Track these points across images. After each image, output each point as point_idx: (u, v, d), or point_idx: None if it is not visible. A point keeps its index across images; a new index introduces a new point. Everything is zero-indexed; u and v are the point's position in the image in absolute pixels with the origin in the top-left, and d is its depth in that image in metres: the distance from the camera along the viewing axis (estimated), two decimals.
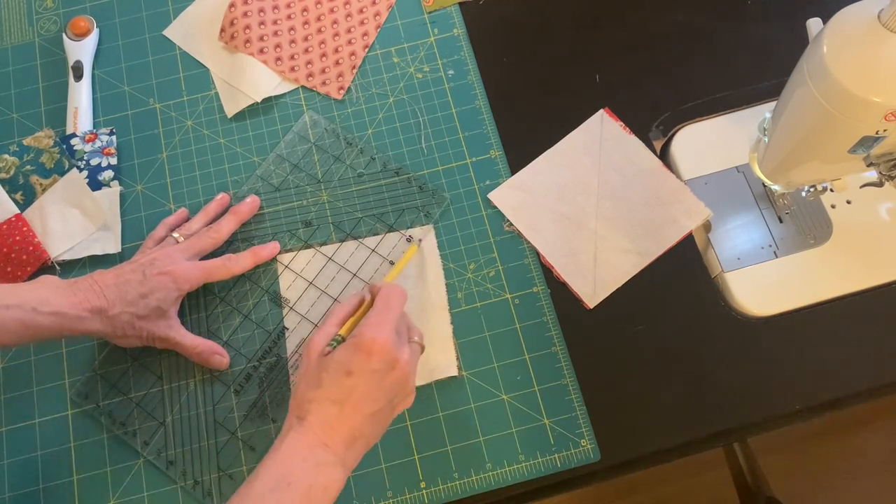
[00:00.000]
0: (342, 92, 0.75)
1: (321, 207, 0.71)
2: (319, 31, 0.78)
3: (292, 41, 0.77)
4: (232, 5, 0.77)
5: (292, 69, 0.76)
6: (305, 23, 0.78)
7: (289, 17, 0.78)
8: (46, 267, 0.69)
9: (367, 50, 0.77)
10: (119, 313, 0.59)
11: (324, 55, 0.77)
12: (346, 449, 0.50)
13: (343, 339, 0.54)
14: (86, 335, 0.60)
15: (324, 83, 0.76)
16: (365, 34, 0.77)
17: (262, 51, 0.76)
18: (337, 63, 0.76)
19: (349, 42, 0.77)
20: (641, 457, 0.64)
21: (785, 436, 1.31)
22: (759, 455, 1.02)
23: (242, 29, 0.76)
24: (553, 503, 0.68)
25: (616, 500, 1.30)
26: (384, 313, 0.53)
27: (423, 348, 0.57)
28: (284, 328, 0.67)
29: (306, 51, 0.77)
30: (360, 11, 0.79)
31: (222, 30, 0.77)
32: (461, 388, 0.65)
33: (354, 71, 0.76)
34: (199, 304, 0.68)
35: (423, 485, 0.62)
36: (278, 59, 0.76)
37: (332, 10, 0.78)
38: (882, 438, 1.33)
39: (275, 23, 0.77)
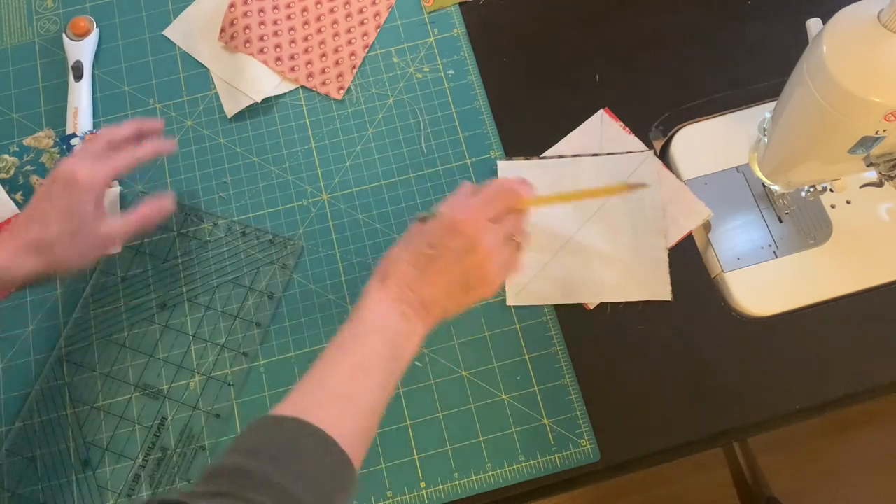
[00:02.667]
0: (342, 92, 0.75)
1: (173, 286, 0.69)
2: (319, 31, 0.78)
3: (292, 41, 0.77)
4: (232, 5, 0.77)
5: (292, 69, 0.76)
6: (305, 23, 0.78)
7: (289, 17, 0.78)
8: None
9: (367, 50, 0.77)
10: (53, 240, 0.56)
11: (324, 55, 0.77)
12: (423, 309, 0.53)
13: (436, 214, 0.56)
14: (32, 281, 0.57)
15: (324, 83, 0.76)
16: (365, 34, 0.77)
17: (261, 51, 0.76)
18: (337, 63, 0.76)
19: (349, 42, 0.77)
20: (641, 457, 0.64)
21: (785, 436, 1.31)
22: (759, 455, 1.02)
23: (242, 29, 0.76)
24: (553, 503, 0.68)
25: (616, 500, 1.30)
26: (485, 204, 0.55)
27: (520, 247, 0.58)
28: (163, 418, 0.65)
29: (306, 51, 0.77)
30: (360, 11, 0.78)
31: (222, 30, 0.77)
32: (461, 388, 0.65)
33: (354, 71, 0.76)
34: (74, 417, 0.65)
35: (423, 485, 0.62)
36: (278, 59, 0.76)
37: (331, 10, 0.78)
38: (882, 438, 1.33)
39: (275, 23, 0.77)
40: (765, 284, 0.68)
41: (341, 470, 0.45)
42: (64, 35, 0.77)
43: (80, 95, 0.75)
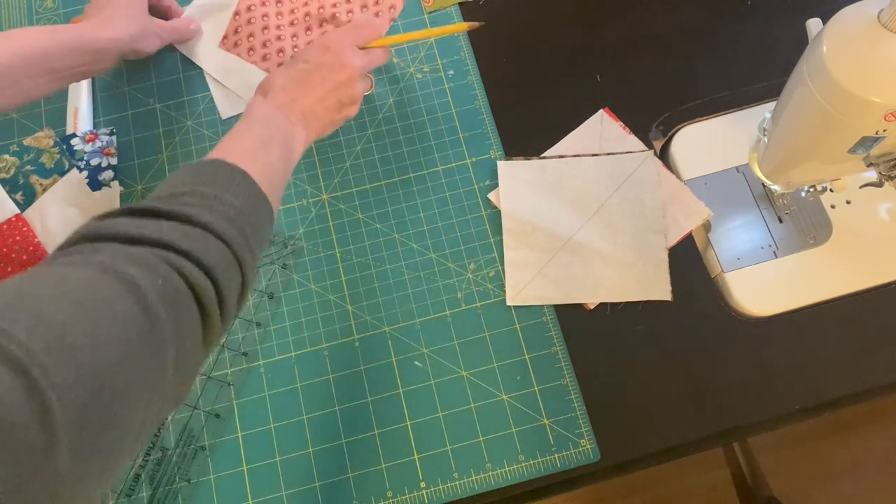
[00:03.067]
0: None
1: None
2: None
3: (295, 47, 0.76)
4: (237, 13, 0.77)
5: None
6: (308, 29, 0.77)
7: (291, 23, 0.77)
8: None
9: None
10: (129, 14, 0.69)
11: None
12: (303, 118, 0.59)
13: None
14: (111, 46, 0.66)
15: None
16: None
17: (264, 58, 0.76)
18: None
19: None
20: (641, 457, 0.64)
21: (785, 436, 1.31)
22: (759, 455, 1.02)
23: (246, 37, 0.77)
24: (553, 503, 0.68)
25: (616, 500, 1.30)
26: (351, 29, 0.64)
27: (371, 84, 0.71)
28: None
29: None
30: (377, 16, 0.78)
31: (225, 37, 0.77)
32: (461, 388, 0.65)
33: None
34: None
35: (423, 485, 0.63)
36: (280, 66, 0.75)
37: (334, 17, 0.77)
38: (882, 438, 1.33)
39: (278, 28, 0.77)
40: (765, 284, 0.68)
41: (264, 203, 0.50)
42: None
43: (80, 95, 0.75)
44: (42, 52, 0.60)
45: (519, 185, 0.71)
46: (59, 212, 0.71)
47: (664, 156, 0.74)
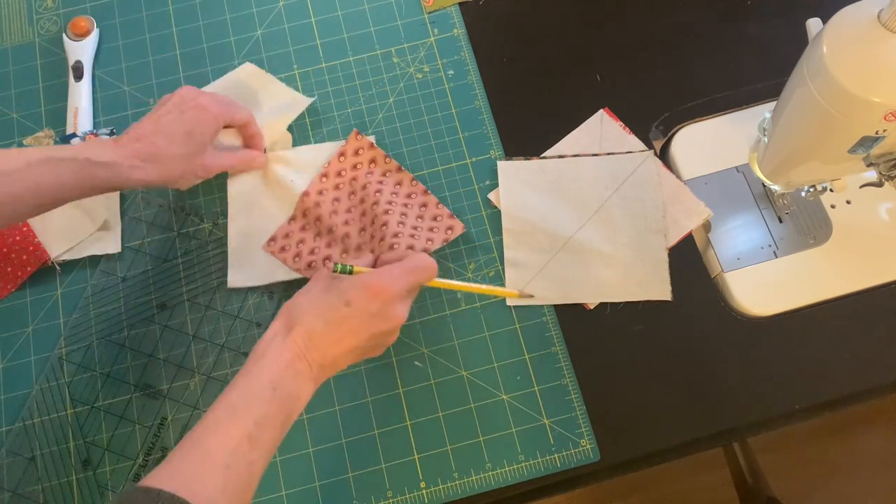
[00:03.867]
0: None
1: (173, 286, 0.69)
2: (372, 250, 0.67)
3: (344, 252, 0.68)
4: (293, 218, 0.70)
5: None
6: (362, 229, 0.68)
7: (345, 225, 0.69)
8: (46, 267, 0.69)
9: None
10: (172, 156, 0.61)
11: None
12: (319, 370, 0.53)
13: (351, 272, 0.55)
14: (139, 187, 0.62)
15: None
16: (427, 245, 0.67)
17: (309, 265, 0.68)
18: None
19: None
20: (641, 457, 0.64)
21: (785, 436, 1.31)
22: (759, 455, 1.02)
23: (296, 243, 0.69)
24: (553, 503, 0.68)
25: (616, 500, 1.30)
26: (408, 273, 0.55)
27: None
28: (163, 418, 0.65)
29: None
30: (431, 231, 0.68)
31: (273, 239, 0.69)
32: (461, 388, 0.65)
33: None
34: (74, 417, 0.65)
35: (423, 485, 0.63)
36: (326, 258, 0.68)
37: (385, 226, 0.66)
38: (882, 438, 1.33)
39: (330, 231, 0.68)
40: (765, 284, 0.68)
41: None
42: (64, 35, 0.77)
43: (80, 95, 0.75)
44: (57, 185, 0.57)
45: (519, 185, 0.71)
46: (59, 212, 0.70)
47: (664, 156, 0.74)
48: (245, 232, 0.70)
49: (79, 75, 0.76)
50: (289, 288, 0.68)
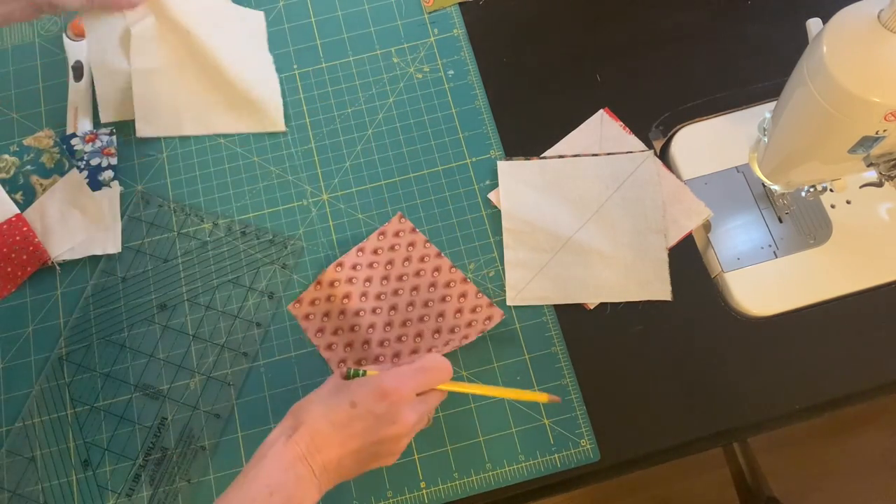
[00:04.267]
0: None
1: (173, 286, 0.69)
2: (400, 338, 0.66)
3: (365, 343, 0.66)
4: (318, 283, 0.68)
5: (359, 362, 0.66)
6: (388, 324, 0.67)
7: (374, 310, 0.67)
8: (46, 267, 0.69)
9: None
10: None
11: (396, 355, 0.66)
12: (322, 473, 0.51)
13: (364, 374, 0.54)
14: None
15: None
16: (465, 337, 0.66)
17: (329, 347, 0.66)
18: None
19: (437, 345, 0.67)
20: (641, 457, 0.64)
21: (785, 436, 1.31)
22: (759, 455, 1.02)
23: (321, 316, 0.67)
24: (553, 503, 0.68)
25: (616, 500, 1.30)
26: (417, 373, 0.54)
27: (429, 421, 0.58)
28: (163, 418, 0.65)
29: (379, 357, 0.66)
30: (469, 326, 0.67)
31: (298, 301, 0.68)
32: None
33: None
34: (74, 417, 0.65)
35: (423, 485, 0.62)
36: (342, 361, 0.66)
37: (421, 320, 0.66)
38: (882, 438, 1.33)
39: (357, 314, 0.67)
40: (765, 284, 0.68)
41: None
42: (64, 35, 0.77)
43: (80, 95, 0.75)
44: None
45: (519, 185, 0.71)
46: (59, 212, 0.71)
47: (664, 156, 0.74)
48: (148, 78, 0.72)
49: (79, 75, 0.76)
50: (289, 287, 0.68)
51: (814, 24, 0.58)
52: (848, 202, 0.71)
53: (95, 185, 0.72)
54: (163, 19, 0.71)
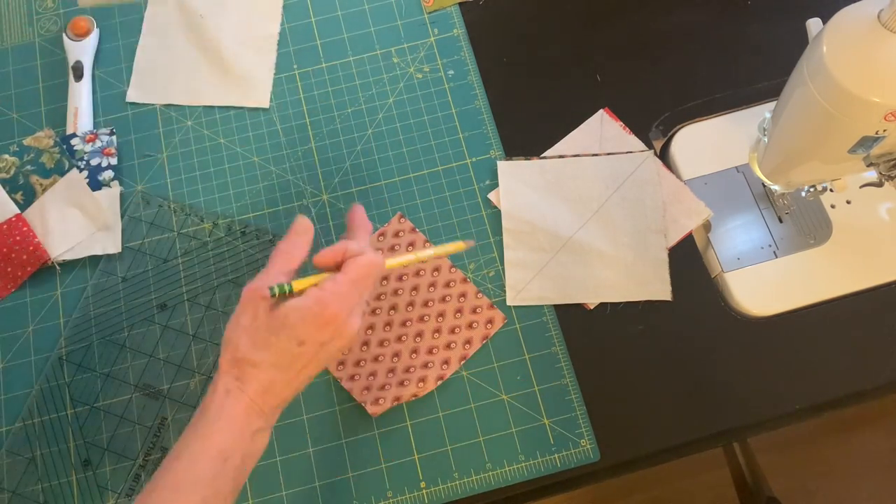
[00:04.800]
0: (376, 410, 0.64)
1: (173, 286, 0.68)
2: (400, 338, 0.66)
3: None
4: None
5: (377, 401, 0.64)
6: (414, 352, 0.66)
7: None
8: (46, 267, 0.69)
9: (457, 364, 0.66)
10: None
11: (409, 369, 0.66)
12: (274, 412, 0.50)
13: (291, 291, 0.49)
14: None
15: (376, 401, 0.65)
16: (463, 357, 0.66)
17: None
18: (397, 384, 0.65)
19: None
20: (641, 457, 0.64)
21: (785, 436, 1.31)
22: (759, 455, 1.02)
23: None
24: (553, 503, 0.68)
25: (616, 500, 1.30)
26: (355, 287, 0.49)
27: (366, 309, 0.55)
28: (163, 418, 0.65)
29: (389, 380, 0.65)
30: (470, 328, 0.67)
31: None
32: (461, 388, 0.65)
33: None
34: (74, 417, 0.65)
35: (423, 485, 0.62)
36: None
37: (437, 333, 0.66)
38: (882, 438, 1.33)
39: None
40: (765, 284, 0.68)
41: None
42: (64, 35, 0.77)
43: (80, 95, 0.75)
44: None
45: (519, 185, 0.71)
46: (59, 212, 0.71)
47: (664, 156, 0.74)
48: (151, 52, 0.77)
49: (79, 75, 0.76)
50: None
51: (814, 24, 0.58)
52: (848, 202, 0.71)
53: (95, 185, 0.72)
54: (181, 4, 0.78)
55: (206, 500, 0.46)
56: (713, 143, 0.73)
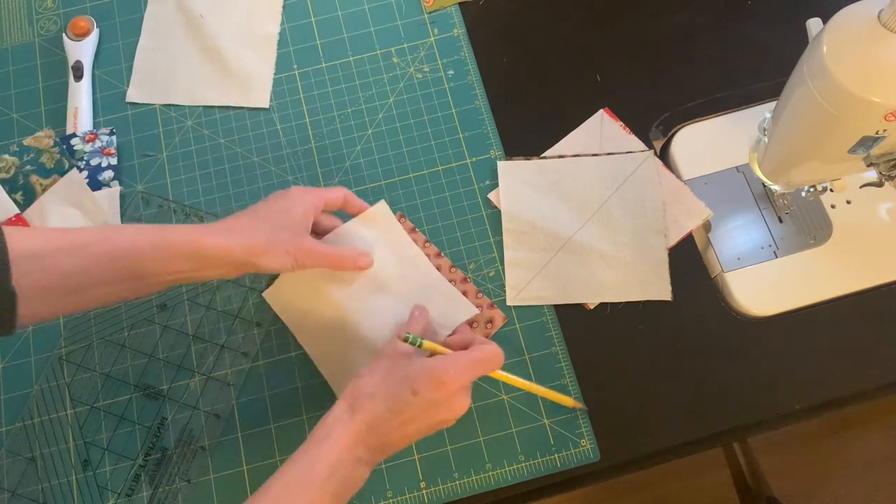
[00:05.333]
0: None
1: (175, 286, 0.68)
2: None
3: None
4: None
5: None
6: None
7: None
8: None
9: None
10: (254, 226, 0.58)
11: None
12: (375, 453, 0.53)
13: (420, 345, 0.55)
14: (221, 255, 0.56)
15: None
16: None
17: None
18: None
19: None
20: (641, 457, 0.64)
21: (785, 436, 1.30)
22: (759, 455, 1.02)
23: None
24: (553, 503, 0.68)
25: (616, 500, 1.30)
26: (474, 365, 0.54)
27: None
28: (163, 418, 0.65)
29: None
30: (469, 326, 0.67)
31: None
32: None
33: None
34: (74, 417, 0.65)
35: (423, 485, 0.62)
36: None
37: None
38: (882, 438, 1.33)
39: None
40: (765, 284, 0.68)
41: None
42: (64, 35, 0.77)
43: (80, 95, 0.75)
44: (132, 253, 0.53)
45: (519, 185, 0.71)
46: (59, 212, 0.71)
47: (664, 156, 0.74)
48: (152, 54, 0.78)
49: (79, 75, 0.76)
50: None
51: (814, 24, 0.58)
52: (848, 202, 0.71)
53: (95, 185, 0.72)
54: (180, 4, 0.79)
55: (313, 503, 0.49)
56: (713, 143, 0.73)
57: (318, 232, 0.65)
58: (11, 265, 0.47)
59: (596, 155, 0.72)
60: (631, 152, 0.72)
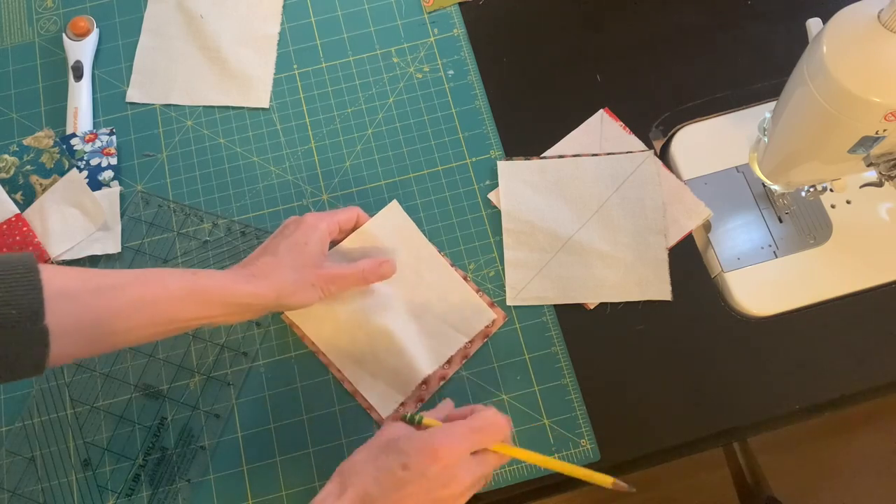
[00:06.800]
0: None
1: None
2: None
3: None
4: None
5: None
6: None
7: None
8: None
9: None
10: (281, 268, 0.58)
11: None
12: None
13: (420, 422, 0.52)
14: (254, 302, 0.56)
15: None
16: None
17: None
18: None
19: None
20: (641, 457, 0.64)
21: (785, 436, 1.30)
22: (759, 455, 1.02)
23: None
24: (553, 503, 0.68)
25: (616, 500, 1.30)
26: (471, 433, 0.50)
27: (485, 484, 0.55)
28: (163, 418, 0.65)
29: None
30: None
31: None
32: (461, 387, 0.65)
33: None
34: (74, 417, 0.65)
35: None
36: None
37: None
38: (882, 438, 1.33)
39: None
40: (765, 284, 0.68)
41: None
42: (64, 35, 0.77)
43: (80, 95, 0.75)
44: (164, 298, 0.52)
45: (519, 185, 0.71)
46: (59, 212, 0.71)
47: (664, 156, 0.74)
48: (151, 54, 0.78)
49: (79, 75, 0.76)
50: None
51: (814, 24, 0.58)
52: (848, 202, 0.71)
53: (95, 185, 0.72)
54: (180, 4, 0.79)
55: None
56: (713, 143, 0.73)
57: (335, 240, 0.65)
58: (45, 304, 0.46)
59: (596, 155, 0.72)
60: (631, 152, 0.72)
